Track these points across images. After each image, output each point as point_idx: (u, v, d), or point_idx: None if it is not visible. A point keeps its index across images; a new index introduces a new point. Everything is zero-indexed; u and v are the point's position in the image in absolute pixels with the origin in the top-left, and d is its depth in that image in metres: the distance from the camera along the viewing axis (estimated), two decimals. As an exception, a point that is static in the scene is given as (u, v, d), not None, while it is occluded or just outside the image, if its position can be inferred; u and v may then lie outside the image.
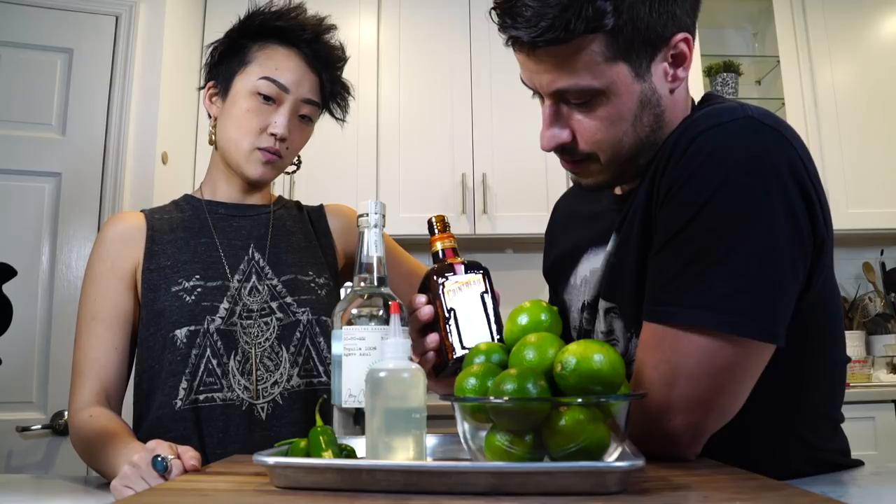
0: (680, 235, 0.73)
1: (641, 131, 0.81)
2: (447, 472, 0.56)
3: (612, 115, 0.79)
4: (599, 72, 0.76)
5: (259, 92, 1.11)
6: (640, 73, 0.78)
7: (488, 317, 0.82)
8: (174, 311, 1.06)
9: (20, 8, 2.08)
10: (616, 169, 0.84)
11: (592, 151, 0.82)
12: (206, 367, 1.05)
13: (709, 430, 0.74)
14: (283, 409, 1.07)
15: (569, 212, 1.08)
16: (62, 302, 2.01)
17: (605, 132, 0.80)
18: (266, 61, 1.13)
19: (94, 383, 1.05)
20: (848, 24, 2.79)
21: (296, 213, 1.26)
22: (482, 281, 0.83)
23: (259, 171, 1.13)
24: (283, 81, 1.11)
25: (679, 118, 0.84)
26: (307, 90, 1.14)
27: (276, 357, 1.09)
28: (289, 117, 1.12)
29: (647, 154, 0.83)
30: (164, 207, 1.20)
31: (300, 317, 1.11)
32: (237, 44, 1.16)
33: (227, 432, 1.04)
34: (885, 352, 2.66)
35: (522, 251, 2.90)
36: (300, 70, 1.14)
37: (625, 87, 0.77)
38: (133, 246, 1.12)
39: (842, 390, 0.89)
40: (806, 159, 0.75)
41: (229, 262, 1.12)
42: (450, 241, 0.86)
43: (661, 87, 0.80)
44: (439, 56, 2.71)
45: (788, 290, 0.73)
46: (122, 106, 2.16)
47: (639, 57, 0.77)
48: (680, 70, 0.80)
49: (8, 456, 1.91)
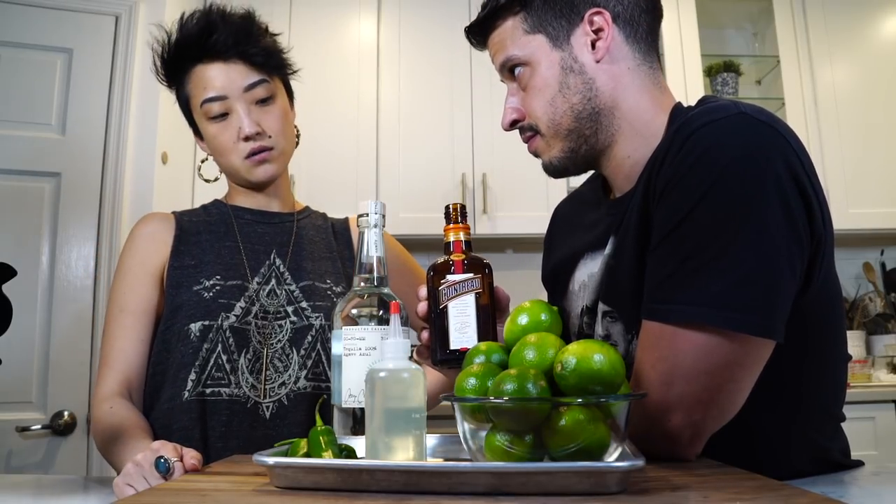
0: (675, 233, 0.73)
1: (572, 97, 0.87)
2: (447, 472, 0.56)
3: (539, 82, 0.88)
4: (522, 43, 0.89)
5: (209, 117, 1.12)
6: (558, 44, 0.88)
7: (478, 321, 0.81)
8: (191, 307, 1.08)
9: (20, 8, 2.08)
10: (562, 142, 0.89)
11: (534, 123, 0.90)
12: (216, 362, 1.07)
13: (708, 430, 0.74)
14: (287, 410, 1.08)
15: (567, 219, 1.08)
16: (62, 302, 2.01)
17: (536, 99, 0.89)
18: (195, 88, 1.13)
19: (119, 374, 1.08)
20: (848, 24, 2.79)
21: (320, 223, 1.27)
22: (479, 282, 0.82)
23: (259, 173, 1.14)
24: (217, 93, 1.11)
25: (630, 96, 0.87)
26: (241, 80, 1.12)
27: (286, 359, 1.10)
28: (247, 114, 1.11)
29: (591, 125, 0.87)
30: (193, 210, 1.23)
31: (313, 321, 1.13)
32: (174, 84, 1.17)
33: (229, 427, 1.05)
34: (885, 352, 2.66)
35: (522, 251, 2.90)
36: (222, 70, 1.12)
37: (544, 55, 0.88)
38: (162, 243, 1.15)
39: (843, 388, 0.89)
40: (802, 155, 0.75)
41: (250, 264, 1.15)
42: (461, 232, 0.84)
43: (585, 56, 0.87)
44: (439, 56, 2.72)
45: (785, 286, 0.72)
46: (122, 106, 2.16)
47: (555, 29, 0.88)
48: (600, 42, 0.87)
49: (8, 456, 1.91)
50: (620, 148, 0.88)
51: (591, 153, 0.90)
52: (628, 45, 0.88)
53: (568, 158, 0.90)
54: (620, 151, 0.88)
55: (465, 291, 0.82)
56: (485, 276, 0.83)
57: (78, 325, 2.02)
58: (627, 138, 0.87)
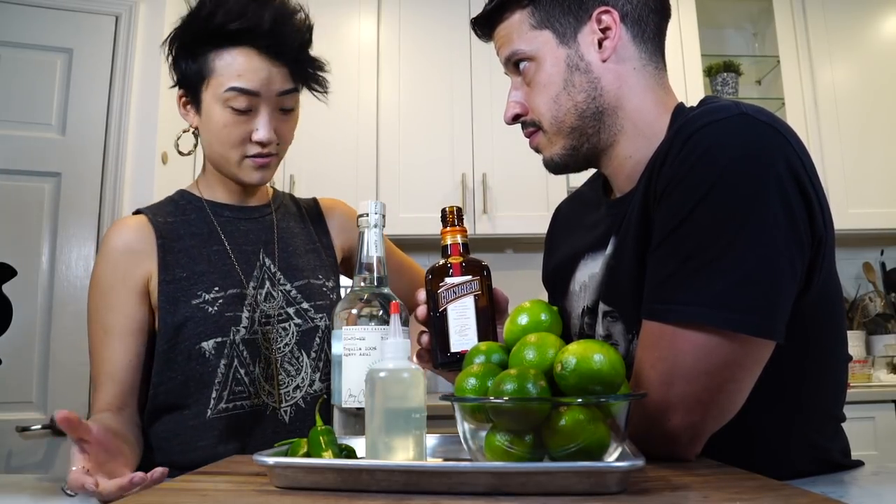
0: (676, 233, 0.73)
1: (577, 96, 0.87)
2: (447, 472, 0.56)
3: (544, 78, 0.88)
4: (528, 38, 0.88)
5: (230, 106, 1.03)
6: (564, 41, 0.87)
7: (478, 323, 0.82)
8: (198, 323, 1.03)
9: (20, 8, 2.08)
10: (564, 139, 0.89)
11: (536, 119, 0.90)
12: (235, 377, 1.04)
13: (708, 430, 0.74)
14: (305, 413, 1.07)
15: (567, 219, 1.08)
16: (62, 302, 2.01)
17: (540, 96, 0.89)
18: (227, 69, 1.03)
19: (111, 389, 1.04)
20: (848, 24, 2.79)
21: (294, 210, 1.24)
22: (477, 284, 0.83)
23: (256, 177, 1.09)
24: (252, 87, 1.03)
25: (634, 96, 0.87)
26: (280, 83, 1.06)
27: (296, 362, 1.09)
28: (269, 119, 1.05)
29: (595, 124, 0.87)
30: (163, 207, 1.14)
31: (318, 323, 1.11)
32: (192, 51, 1.07)
33: (252, 436, 1.03)
34: (885, 352, 2.66)
35: (522, 251, 2.90)
36: (265, 67, 1.04)
37: (550, 52, 0.88)
38: (143, 255, 1.07)
39: (844, 389, 0.88)
40: (803, 155, 0.75)
41: (243, 268, 1.11)
42: (458, 235, 0.85)
43: (591, 55, 0.87)
44: (439, 56, 2.71)
45: (786, 287, 0.72)
46: (122, 106, 2.16)
47: (562, 26, 0.87)
48: (608, 41, 0.86)
49: (8, 456, 1.91)
50: (622, 148, 0.88)
51: (592, 151, 0.90)
52: (635, 45, 0.87)
53: (569, 156, 0.90)
54: (622, 151, 0.88)
55: (463, 294, 0.82)
56: (483, 278, 0.83)
57: (78, 325, 2.00)
58: (630, 138, 0.87)
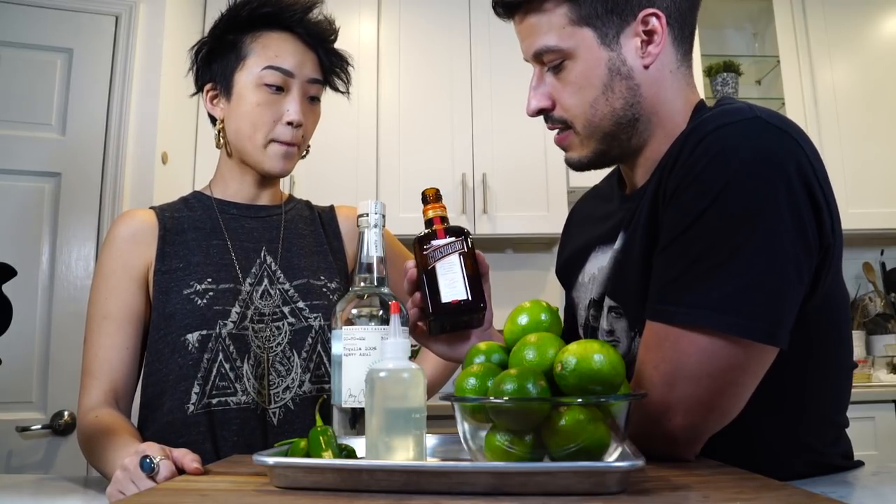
0: (685, 235, 0.73)
1: (615, 102, 0.83)
2: (447, 472, 0.56)
3: (580, 79, 0.83)
4: (566, 34, 0.82)
5: (265, 83, 1.09)
6: (606, 42, 0.82)
7: (464, 275, 0.86)
8: (185, 315, 1.04)
9: (20, 8, 2.08)
10: (596, 144, 0.87)
11: (567, 118, 0.86)
12: (219, 372, 1.03)
13: (708, 431, 0.74)
14: (294, 415, 1.06)
15: (583, 214, 1.08)
16: (62, 302, 2.01)
17: (574, 97, 0.84)
18: (264, 51, 1.10)
19: (104, 384, 1.04)
20: (848, 24, 2.79)
21: (307, 213, 1.24)
22: (461, 243, 0.87)
23: (279, 165, 1.11)
24: (287, 67, 1.10)
25: (668, 101, 0.85)
26: (310, 70, 1.13)
27: (287, 362, 1.07)
28: (300, 101, 1.11)
29: (629, 131, 0.85)
30: (173, 205, 1.18)
31: (312, 322, 1.10)
32: (227, 40, 1.13)
33: (241, 436, 1.02)
34: (885, 352, 2.66)
35: (522, 251, 2.90)
36: (299, 51, 1.12)
37: (589, 52, 0.82)
38: (145, 245, 1.09)
39: (847, 396, 0.88)
40: (815, 161, 0.75)
41: (241, 264, 1.10)
42: (439, 210, 0.90)
43: (633, 60, 0.83)
44: (439, 56, 2.71)
45: (792, 293, 0.72)
46: (122, 106, 2.16)
47: (605, 25, 0.82)
48: (652, 46, 0.83)
49: (8, 456, 1.91)
50: (650, 149, 0.87)
51: (620, 154, 0.89)
52: (674, 48, 0.85)
53: (598, 158, 0.89)
54: (650, 154, 0.87)
55: (449, 253, 0.86)
56: (466, 238, 0.88)
57: (78, 325, 2.00)
58: (658, 141, 0.86)
